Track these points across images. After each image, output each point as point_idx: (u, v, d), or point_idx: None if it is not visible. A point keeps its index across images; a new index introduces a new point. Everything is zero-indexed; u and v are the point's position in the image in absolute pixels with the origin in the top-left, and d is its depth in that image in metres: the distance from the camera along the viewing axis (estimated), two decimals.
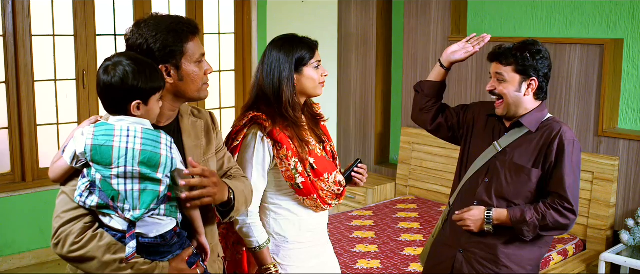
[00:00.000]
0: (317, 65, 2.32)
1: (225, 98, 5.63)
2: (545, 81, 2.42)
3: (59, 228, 1.77)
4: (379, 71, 5.51)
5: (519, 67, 2.38)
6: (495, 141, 2.50)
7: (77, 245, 1.74)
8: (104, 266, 1.73)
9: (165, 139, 1.78)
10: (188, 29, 1.90)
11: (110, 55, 1.80)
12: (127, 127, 1.74)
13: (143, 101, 1.76)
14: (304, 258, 2.38)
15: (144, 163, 1.71)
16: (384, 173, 5.50)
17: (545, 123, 2.45)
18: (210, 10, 5.41)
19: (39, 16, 4.52)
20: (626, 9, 4.08)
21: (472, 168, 2.54)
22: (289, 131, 2.28)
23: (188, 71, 1.90)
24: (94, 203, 1.73)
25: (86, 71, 4.71)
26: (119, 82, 1.72)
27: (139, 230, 1.76)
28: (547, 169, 2.40)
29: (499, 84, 2.42)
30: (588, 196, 4.13)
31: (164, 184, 1.75)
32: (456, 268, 2.54)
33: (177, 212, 1.82)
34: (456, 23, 4.87)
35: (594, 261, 4.00)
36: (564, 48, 4.25)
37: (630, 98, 4.14)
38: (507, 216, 2.40)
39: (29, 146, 4.51)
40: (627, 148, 4.03)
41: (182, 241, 1.86)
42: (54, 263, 4.57)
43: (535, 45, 2.41)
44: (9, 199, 4.42)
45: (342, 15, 5.68)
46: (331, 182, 2.34)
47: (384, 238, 4.10)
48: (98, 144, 1.73)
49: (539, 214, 2.36)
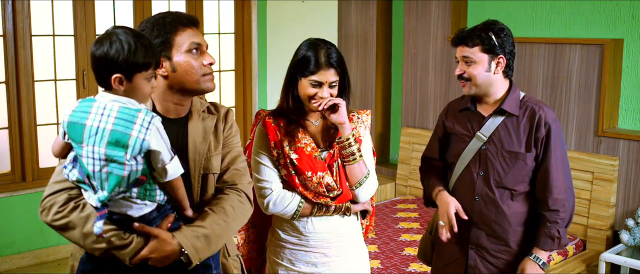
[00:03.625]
0: (314, 84, 2.25)
1: (226, 98, 5.64)
2: (512, 58, 2.45)
3: (46, 197, 1.81)
4: (379, 71, 5.51)
5: (485, 46, 2.39)
6: (478, 132, 2.49)
7: (60, 215, 1.77)
8: (84, 237, 1.76)
9: (142, 120, 1.68)
10: (177, 20, 1.88)
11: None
12: (105, 105, 1.70)
13: (125, 76, 1.69)
14: (294, 260, 2.36)
15: (112, 144, 1.66)
16: (384, 173, 5.50)
17: (523, 104, 2.47)
18: (210, 10, 5.41)
19: (39, 16, 4.52)
20: (626, 9, 4.08)
21: (460, 164, 2.53)
22: (283, 124, 2.31)
23: (179, 62, 1.87)
24: (74, 178, 1.75)
25: (86, 70, 4.71)
26: (102, 54, 1.68)
27: (113, 210, 1.75)
28: (538, 153, 2.43)
29: (468, 66, 2.42)
30: (588, 196, 4.13)
31: (128, 167, 1.68)
32: (470, 266, 2.53)
33: (155, 195, 1.77)
34: (456, 23, 4.87)
35: (594, 261, 3.99)
36: (564, 48, 4.25)
37: (630, 98, 4.13)
38: (547, 250, 2.46)
39: (29, 146, 4.51)
40: (627, 148, 4.03)
41: (164, 214, 1.82)
42: (54, 262, 4.57)
43: (497, 24, 2.43)
44: (9, 199, 4.42)
45: (342, 15, 5.68)
46: (315, 182, 2.27)
47: (384, 238, 4.10)
48: (73, 121, 1.71)
49: (555, 232, 2.42)
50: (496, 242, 2.49)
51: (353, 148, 2.30)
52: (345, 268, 2.40)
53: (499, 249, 2.50)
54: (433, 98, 5.06)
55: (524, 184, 2.46)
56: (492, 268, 2.51)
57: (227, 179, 2.00)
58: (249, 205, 2.02)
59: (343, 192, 2.32)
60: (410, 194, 5.13)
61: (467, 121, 2.53)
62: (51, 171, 5.02)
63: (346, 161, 2.31)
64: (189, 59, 1.88)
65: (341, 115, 2.27)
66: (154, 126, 1.70)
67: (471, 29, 2.45)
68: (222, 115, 2.05)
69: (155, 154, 1.71)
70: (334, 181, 2.30)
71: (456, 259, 2.58)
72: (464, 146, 2.52)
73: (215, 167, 1.98)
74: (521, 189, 2.47)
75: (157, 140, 1.70)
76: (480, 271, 2.52)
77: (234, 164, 2.03)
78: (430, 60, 5.04)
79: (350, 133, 2.29)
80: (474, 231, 2.51)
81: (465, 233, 2.53)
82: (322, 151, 2.34)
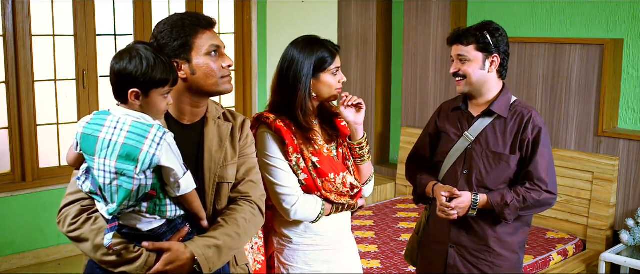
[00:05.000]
0: (335, 71, 2.27)
1: (226, 98, 5.63)
2: (506, 58, 2.48)
3: (62, 208, 1.84)
4: (379, 71, 5.51)
5: (480, 45, 2.43)
6: (466, 132, 2.51)
7: (73, 226, 1.80)
8: (95, 249, 1.77)
9: (154, 135, 1.69)
10: (196, 22, 1.88)
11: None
12: (118, 118, 1.71)
13: (142, 92, 1.71)
14: (310, 261, 2.35)
15: (123, 157, 1.67)
16: (384, 173, 5.50)
17: (513, 107, 2.49)
18: (210, 10, 5.41)
19: (39, 16, 4.52)
20: (626, 9, 4.08)
21: (447, 162, 2.55)
22: (294, 128, 2.25)
23: (199, 64, 1.87)
24: (87, 189, 1.76)
25: (86, 71, 4.71)
26: (121, 68, 1.70)
27: (124, 223, 1.76)
28: (525, 155, 2.44)
29: (462, 64, 2.46)
30: (588, 196, 4.13)
31: (137, 181, 1.69)
32: (449, 265, 2.55)
33: (165, 211, 1.77)
34: (456, 23, 4.87)
35: (594, 261, 3.99)
36: (564, 48, 4.25)
37: (630, 98, 4.14)
38: (487, 200, 2.43)
39: (29, 146, 4.50)
40: (627, 148, 4.03)
41: (174, 228, 1.82)
42: (54, 263, 4.56)
43: (493, 24, 2.47)
44: (9, 199, 4.42)
45: (342, 15, 5.68)
46: (338, 183, 2.28)
47: (384, 238, 4.10)
48: (87, 134, 1.72)
49: (520, 195, 2.41)
50: (476, 241, 2.51)
51: (365, 150, 2.37)
52: (349, 259, 2.45)
53: (478, 248, 2.51)
54: (433, 98, 5.06)
55: (505, 186, 2.47)
56: (471, 267, 2.52)
57: (242, 190, 1.99)
58: (260, 218, 2.02)
59: (360, 189, 2.38)
60: (410, 194, 5.13)
61: (457, 121, 2.56)
62: (51, 171, 5.02)
63: (358, 162, 2.37)
64: (209, 62, 1.88)
65: (362, 116, 2.31)
66: (166, 141, 1.70)
67: (467, 28, 2.48)
68: (239, 124, 2.03)
69: (167, 170, 1.72)
70: (356, 179, 2.34)
71: (437, 258, 2.59)
72: (452, 145, 2.54)
73: (230, 176, 1.97)
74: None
75: (168, 156, 1.71)
76: (459, 270, 2.53)
77: (249, 175, 2.02)
78: (430, 60, 5.05)
79: (363, 134, 2.35)
80: (455, 230, 2.53)
81: (446, 232, 2.55)
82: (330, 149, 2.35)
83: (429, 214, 2.68)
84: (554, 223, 4.32)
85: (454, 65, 2.48)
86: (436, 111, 2.71)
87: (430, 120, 2.72)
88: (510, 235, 2.51)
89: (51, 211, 1.89)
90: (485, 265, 2.51)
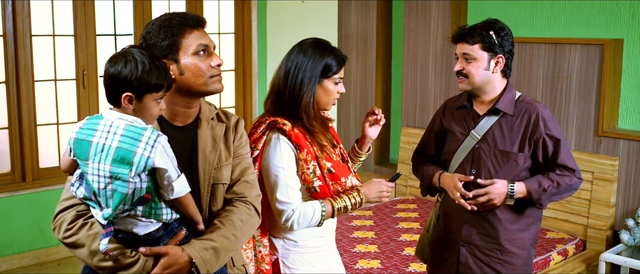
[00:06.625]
0: (338, 81, 2.26)
1: (225, 98, 5.63)
2: (511, 58, 2.47)
3: (57, 214, 1.82)
4: (379, 71, 5.51)
5: (485, 44, 2.41)
6: (472, 130, 2.50)
7: (69, 232, 1.78)
8: (91, 255, 1.75)
9: (148, 138, 1.68)
10: (184, 22, 1.86)
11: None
12: (111, 122, 1.70)
13: (136, 96, 1.70)
14: (312, 262, 2.35)
15: (117, 161, 1.66)
16: (384, 173, 5.50)
17: (518, 104, 2.48)
18: (210, 10, 5.41)
19: (39, 16, 4.52)
20: (626, 9, 4.08)
21: (455, 161, 2.55)
22: (308, 134, 2.24)
23: (187, 64, 1.85)
24: (81, 195, 1.75)
25: (86, 70, 4.71)
26: (115, 72, 1.69)
27: (120, 228, 1.75)
28: (545, 151, 2.45)
29: (467, 63, 2.43)
30: (588, 196, 4.13)
31: (132, 184, 1.68)
32: (462, 263, 2.54)
33: (161, 214, 1.76)
34: (456, 23, 4.87)
35: (594, 261, 4.00)
36: (564, 48, 4.25)
37: (630, 98, 4.14)
38: (526, 188, 2.42)
39: (29, 146, 4.50)
40: (627, 148, 4.03)
41: (171, 232, 1.82)
42: (54, 263, 4.57)
43: (498, 23, 2.45)
44: (9, 199, 4.42)
45: (342, 15, 5.68)
46: (348, 186, 2.28)
47: (384, 238, 4.10)
48: (80, 139, 1.72)
49: (554, 181, 2.43)
50: (487, 240, 2.51)
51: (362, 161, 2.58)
52: (338, 256, 2.50)
53: (489, 247, 2.51)
54: (433, 98, 5.06)
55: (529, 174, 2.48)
56: (483, 265, 2.52)
57: (237, 191, 1.98)
58: (257, 218, 2.00)
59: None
60: (410, 194, 5.13)
61: (463, 119, 2.55)
62: (51, 171, 5.02)
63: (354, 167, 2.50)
64: (197, 62, 1.86)
65: (378, 131, 2.50)
66: (160, 144, 1.69)
67: (472, 26, 2.46)
68: (233, 124, 2.01)
69: (161, 172, 1.70)
70: (357, 179, 2.36)
71: (449, 257, 2.59)
72: (458, 144, 2.53)
73: (225, 177, 1.95)
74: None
75: (163, 158, 1.70)
76: (471, 269, 2.53)
77: (244, 176, 2.00)
78: (430, 60, 5.05)
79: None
80: (466, 229, 2.53)
81: (457, 231, 2.54)
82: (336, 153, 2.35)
83: (439, 212, 2.68)
84: (554, 223, 4.32)
85: (459, 64, 2.46)
86: (441, 108, 2.69)
87: (435, 117, 2.70)
88: (522, 232, 2.51)
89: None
90: (498, 263, 2.51)
